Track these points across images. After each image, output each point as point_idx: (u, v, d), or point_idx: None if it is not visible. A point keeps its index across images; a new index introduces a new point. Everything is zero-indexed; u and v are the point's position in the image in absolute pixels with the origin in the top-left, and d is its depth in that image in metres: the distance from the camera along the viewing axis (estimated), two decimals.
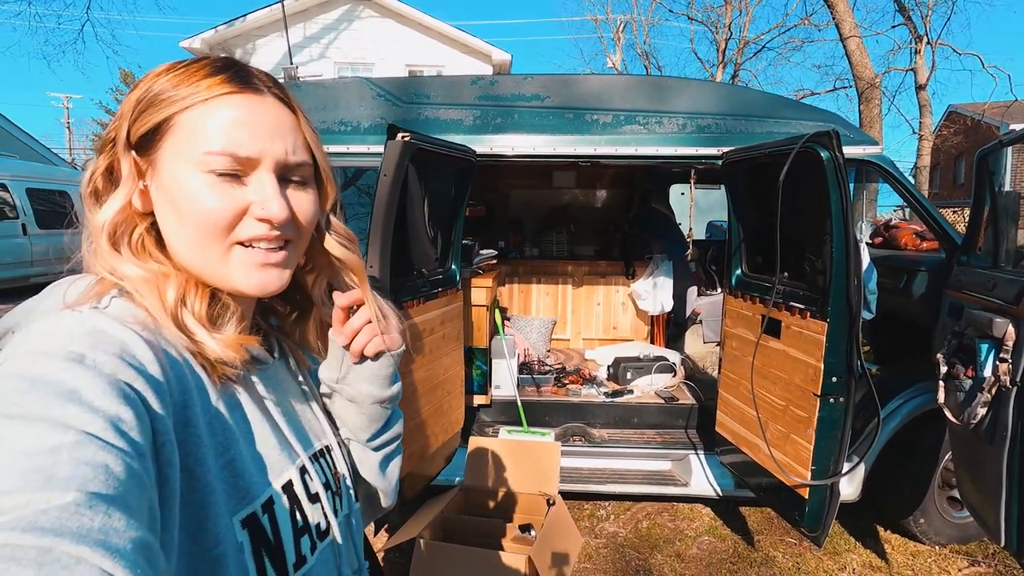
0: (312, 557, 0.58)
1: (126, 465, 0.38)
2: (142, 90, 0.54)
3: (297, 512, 0.57)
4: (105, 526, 0.34)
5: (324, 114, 2.94)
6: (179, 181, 0.52)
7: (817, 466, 2.11)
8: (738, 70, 19.23)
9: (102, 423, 0.38)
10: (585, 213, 4.88)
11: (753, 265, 2.67)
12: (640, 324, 4.41)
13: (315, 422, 0.67)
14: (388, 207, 2.01)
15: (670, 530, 2.98)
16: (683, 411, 3.24)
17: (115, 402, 0.40)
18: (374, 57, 12.15)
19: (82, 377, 0.40)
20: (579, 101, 2.94)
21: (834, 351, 2.05)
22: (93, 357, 0.42)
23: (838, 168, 1.94)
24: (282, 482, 0.56)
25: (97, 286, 0.50)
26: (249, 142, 0.53)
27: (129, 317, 0.48)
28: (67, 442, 0.36)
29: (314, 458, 0.63)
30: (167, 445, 0.43)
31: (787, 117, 2.87)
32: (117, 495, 0.36)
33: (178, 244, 0.54)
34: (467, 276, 3.07)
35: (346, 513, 0.67)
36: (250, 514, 0.51)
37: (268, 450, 0.56)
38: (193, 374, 0.51)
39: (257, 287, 0.55)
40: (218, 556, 0.47)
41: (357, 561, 0.69)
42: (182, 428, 0.46)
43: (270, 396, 0.60)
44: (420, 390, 2.36)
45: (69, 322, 0.45)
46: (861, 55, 9.75)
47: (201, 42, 11.79)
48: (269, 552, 0.52)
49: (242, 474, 0.51)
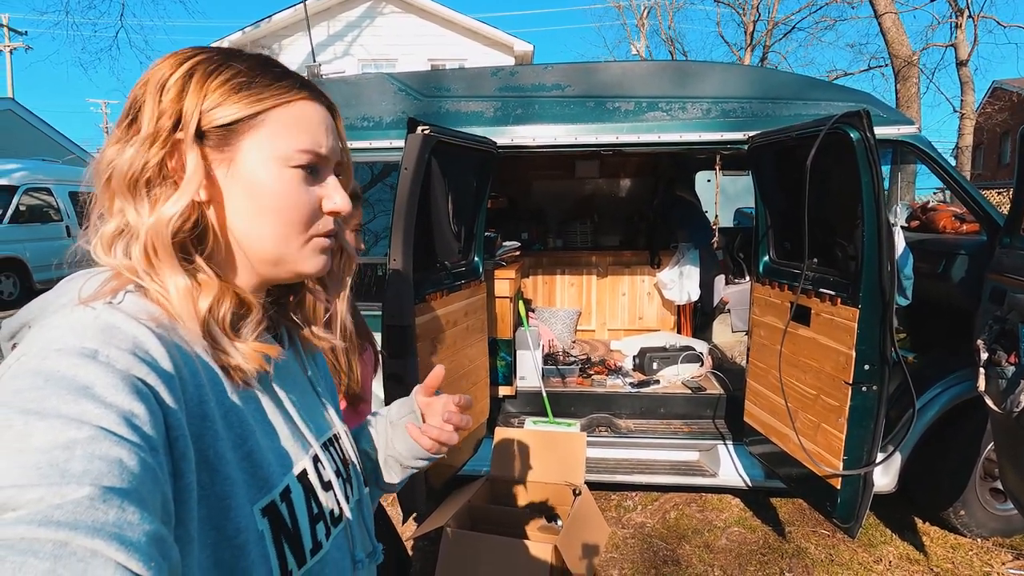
0: (327, 543, 0.59)
1: (140, 459, 0.38)
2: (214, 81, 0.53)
3: (312, 500, 0.58)
4: (119, 519, 0.34)
5: (347, 110, 2.98)
6: (266, 175, 0.54)
7: (849, 456, 2.06)
8: (767, 52, 18.71)
9: (115, 418, 0.39)
10: (609, 202, 4.84)
11: (781, 252, 2.61)
12: (666, 314, 4.36)
13: (322, 410, 0.68)
14: (410, 200, 2.02)
15: (699, 521, 2.95)
16: (711, 401, 3.19)
17: (128, 397, 0.40)
18: (397, 53, 12.21)
19: (95, 373, 0.40)
20: (600, 89, 2.91)
21: (866, 338, 1.99)
22: (106, 353, 0.42)
23: (869, 149, 1.88)
24: (297, 471, 0.58)
25: (112, 281, 0.50)
26: (327, 143, 0.58)
27: (143, 313, 0.48)
28: (81, 437, 0.36)
29: (325, 447, 0.64)
30: (180, 439, 0.44)
31: (816, 98, 2.79)
32: (131, 489, 0.36)
33: (254, 234, 0.55)
34: (490, 268, 3.08)
35: (357, 499, 0.69)
36: (270, 503, 0.52)
37: (283, 440, 0.57)
38: (207, 369, 0.51)
39: (320, 269, 0.60)
40: (240, 544, 0.48)
41: (371, 544, 0.70)
42: (199, 422, 0.47)
43: (282, 387, 0.61)
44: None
45: (83, 318, 0.45)
46: (897, 32, 9.36)
47: (229, 44, 12.04)
48: (288, 539, 0.54)
49: (261, 464, 0.52)
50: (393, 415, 0.84)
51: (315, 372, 0.71)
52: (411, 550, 2.72)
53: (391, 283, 2.05)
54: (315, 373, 0.70)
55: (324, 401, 0.69)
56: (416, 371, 2.13)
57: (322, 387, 0.71)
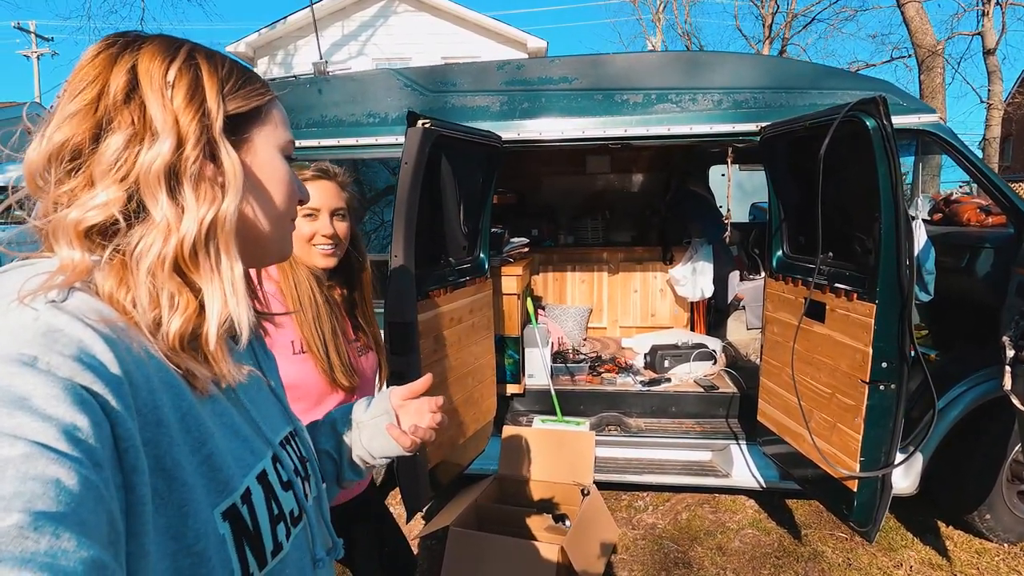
0: (287, 543, 0.58)
1: (81, 477, 0.35)
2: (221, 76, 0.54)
3: (272, 501, 0.57)
4: (52, 548, 0.32)
5: (353, 107, 2.96)
6: (274, 163, 0.58)
7: (866, 457, 1.99)
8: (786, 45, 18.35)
9: (54, 432, 0.36)
10: (620, 198, 4.77)
11: (795, 246, 2.53)
12: (679, 311, 4.28)
13: (278, 407, 0.67)
14: (410, 196, 1.99)
15: (711, 522, 2.89)
16: (724, 400, 3.12)
17: (70, 409, 0.37)
18: (411, 51, 12.23)
19: (33, 382, 0.37)
20: (608, 82, 2.85)
21: (884, 335, 1.91)
22: (47, 360, 0.39)
23: (886, 138, 1.80)
24: (257, 472, 0.56)
25: (58, 277, 0.45)
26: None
27: (91, 313, 0.44)
28: (14, 455, 0.34)
29: (283, 444, 0.63)
30: (131, 450, 0.41)
31: (832, 87, 2.70)
32: (68, 512, 0.34)
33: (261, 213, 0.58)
34: (497, 265, 3.04)
35: (315, 495, 0.68)
36: (230, 506, 0.51)
37: (242, 441, 0.56)
38: (161, 371, 0.48)
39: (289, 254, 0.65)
40: (200, 551, 0.46)
41: (331, 540, 0.69)
42: (153, 428, 0.44)
43: (239, 386, 0.58)
44: (449, 379, 2.36)
45: (22, 319, 0.41)
46: (921, 21, 9.10)
47: (245, 46, 12.17)
48: (249, 541, 0.52)
49: (220, 467, 0.50)
50: (363, 414, 0.84)
51: (267, 365, 0.69)
52: (417, 549, 2.70)
53: (393, 280, 2.03)
54: (268, 366, 0.69)
55: (279, 397, 0.68)
56: (418, 368, 2.11)
57: (275, 381, 0.69)
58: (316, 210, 1.31)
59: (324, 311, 1.30)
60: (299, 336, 1.29)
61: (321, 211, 1.32)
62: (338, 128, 2.95)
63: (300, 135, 2.96)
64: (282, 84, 3.25)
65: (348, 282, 1.45)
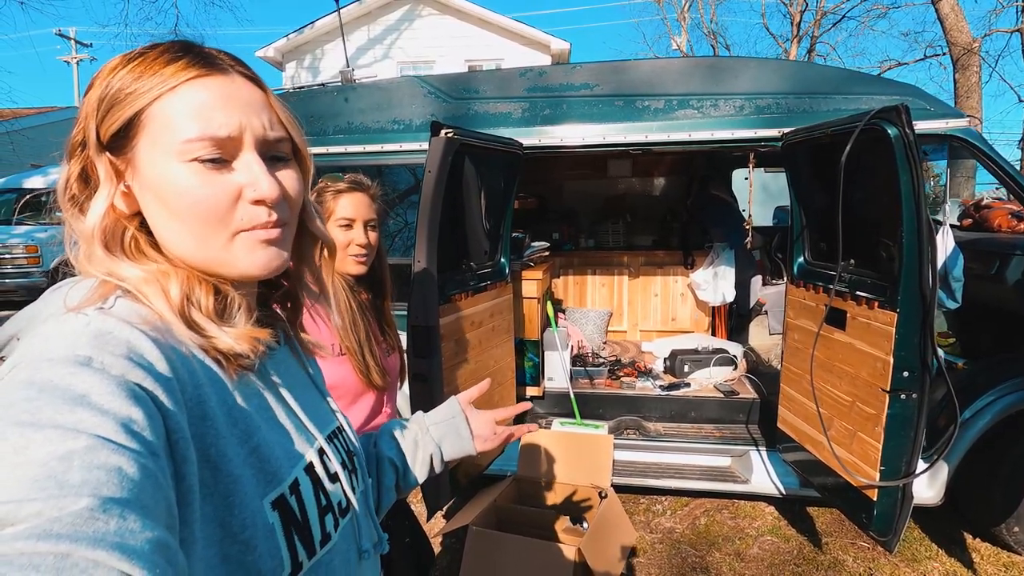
0: (336, 534, 0.60)
1: (140, 465, 0.38)
2: (101, 88, 0.52)
3: (320, 492, 0.59)
4: (121, 528, 0.34)
5: (379, 114, 3.04)
6: (164, 176, 0.50)
7: (887, 467, 1.97)
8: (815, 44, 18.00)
9: (113, 425, 0.38)
10: (642, 202, 4.77)
11: (817, 252, 2.51)
12: (700, 315, 4.26)
13: (325, 404, 0.69)
14: (433, 203, 2.05)
15: (730, 528, 2.88)
16: (744, 406, 3.11)
17: (125, 403, 0.40)
18: (434, 55, 12.36)
19: (90, 380, 0.40)
20: (630, 88, 2.87)
21: (905, 344, 1.90)
22: (100, 359, 0.42)
23: (908, 146, 1.79)
24: (304, 464, 0.58)
25: (100, 288, 0.50)
26: (226, 122, 0.51)
27: (135, 316, 0.48)
28: (78, 447, 0.36)
29: (329, 439, 0.65)
30: (181, 442, 0.44)
31: (856, 92, 2.67)
32: (132, 497, 0.36)
33: (174, 240, 0.53)
34: (517, 268, 3.09)
35: (362, 489, 0.69)
36: (279, 496, 0.53)
37: (289, 435, 0.58)
38: (205, 368, 0.51)
39: (262, 267, 0.55)
40: (246, 539, 0.48)
41: (377, 534, 0.71)
42: (199, 422, 0.47)
43: (282, 382, 0.61)
44: (470, 381, 2.41)
45: (74, 325, 0.44)
46: (956, 18, 8.85)
47: (274, 51, 12.44)
48: (298, 531, 0.54)
49: (268, 459, 0.52)
50: (430, 418, 0.92)
51: (313, 367, 0.72)
52: (439, 547, 2.75)
53: (416, 284, 2.09)
54: (313, 368, 0.72)
55: (324, 395, 0.70)
56: (440, 371, 2.16)
57: (320, 382, 0.72)
58: (352, 220, 1.38)
59: (358, 316, 1.37)
60: (337, 340, 1.36)
61: (356, 221, 1.38)
62: (364, 135, 3.03)
63: (328, 141, 3.05)
64: (310, 92, 3.35)
65: (372, 287, 1.52)
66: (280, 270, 0.57)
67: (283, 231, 0.56)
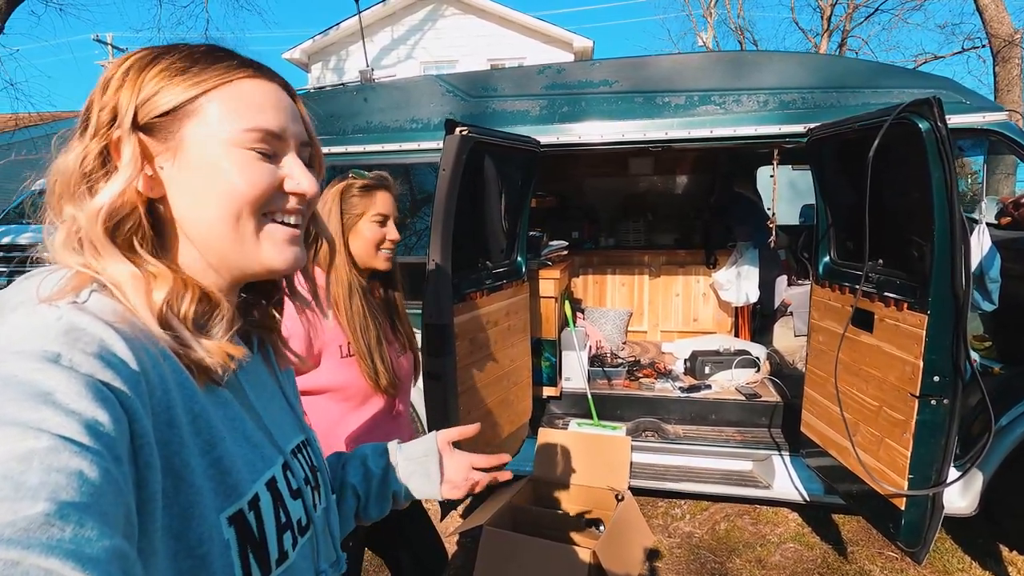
0: (293, 553, 0.57)
1: (102, 470, 0.36)
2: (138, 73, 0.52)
3: (280, 509, 0.57)
4: (77, 536, 0.33)
5: (398, 113, 3.05)
6: (218, 158, 0.52)
7: (915, 475, 1.90)
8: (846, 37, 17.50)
9: (77, 426, 0.37)
10: (664, 200, 4.70)
11: (843, 252, 2.43)
12: (723, 316, 4.18)
13: (291, 416, 0.67)
14: (448, 201, 2.04)
15: (751, 534, 2.81)
16: (766, 409, 3.03)
17: (92, 404, 0.38)
18: (457, 54, 12.39)
19: (57, 378, 0.38)
20: (649, 84, 2.82)
21: (936, 347, 1.82)
22: (70, 356, 0.40)
23: (940, 140, 1.71)
24: (267, 478, 0.56)
25: (74, 279, 0.47)
26: (278, 122, 0.55)
27: (109, 312, 0.46)
28: (39, 448, 0.34)
29: (294, 453, 0.63)
30: (145, 447, 0.42)
31: (888, 86, 2.58)
32: (91, 502, 0.35)
33: (205, 223, 0.53)
34: (535, 268, 3.06)
35: (324, 507, 0.67)
36: (237, 511, 0.51)
37: (253, 447, 0.56)
38: (175, 371, 0.49)
39: (289, 263, 0.57)
40: (202, 555, 0.46)
41: (335, 554, 0.68)
42: (165, 428, 0.45)
43: (250, 391, 0.59)
44: (484, 381, 2.40)
45: (45, 318, 0.42)
46: (996, 8, 8.49)
47: (300, 52, 12.63)
48: (254, 548, 0.52)
49: (229, 471, 0.50)
50: (403, 452, 0.88)
51: (284, 377, 0.69)
52: (454, 546, 2.75)
53: (430, 282, 2.08)
54: (284, 378, 0.69)
55: (293, 406, 0.68)
56: (454, 369, 2.15)
57: (290, 392, 0.69)
58: (385, 216, 1.40)
59: (369, 320, 1.37)
60: (347, 340, 1.36)
61: (389, 218, 1.41)
62: (383, 134, 3.04)
63: (347, 141, 3.07)
64: (332, 92, 3.38)
65: (386, 283, 1.52)
66: (299, 267, 0.59)
67: (301, 233, 0.59)
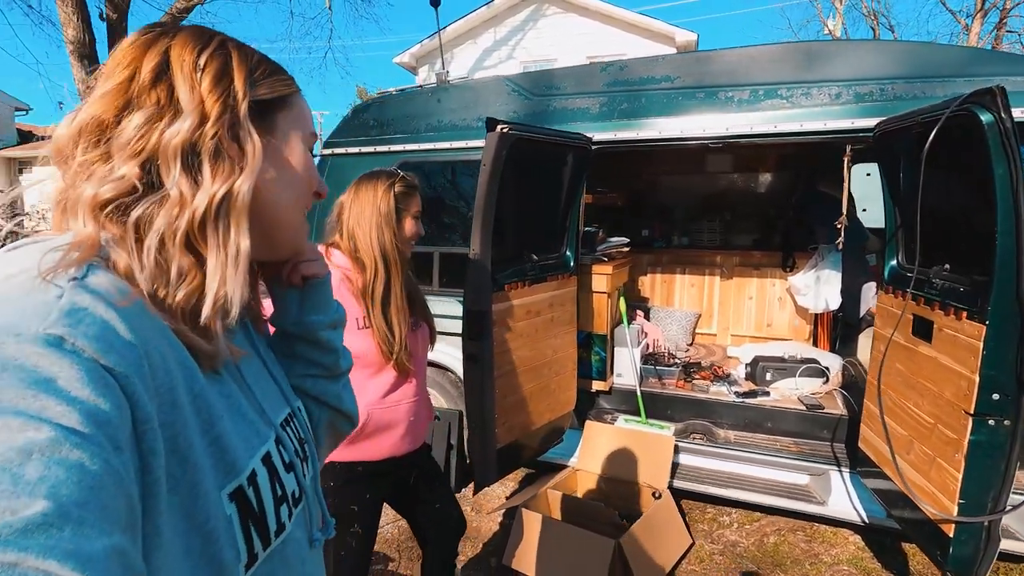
0: (290, 523, 0.60)
1: (103, 461, 0.35)
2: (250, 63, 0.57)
3: (276, 483, 0.58)
4: (76, 535, 0.32)
5: (467, 112, 3.23)
6: (298, 150, 0.61)
7: (966, 500, 1.73)
8: (1005, 17, 15.24)
9: (78, 416, 0.35)
10: (743, 198, 4.49)
11: (910, 255, 2.24)
12: (801, 322, 3.93)
13: (275, 387, 0.68)
14: (488, 196, 2.17)
15: (802, 551, 2.67)
16: (829, 421, 2.85)
17: (94, 392, 0.37)
18: (556, 52, 12.49)
19: (59, 363, 0.37)
20: (712, 79, 2.76)
21: (995, 361, 1.65)
22: (72, 341, 0.38)
23: (1003, 134, 1.55)
24: (262, 454, 0.57)
25: (74, 252, 0.44)
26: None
27: (113, 290, 0.44)
28: (40, 439, 0.33)
29: (283, 426, 0.64)
30: (149, 432, 0.41)
31: (986, 74, 2.32)
32: (91, 496, 0.34)
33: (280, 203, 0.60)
34: (588, 262, 3.11)
35: (312, 475, 0.69)
36: (237, 487, 0.51)
37: (249, 424, 0.57)
38: (176, 350, 0.48)
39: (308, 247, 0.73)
40: (210, 531, 0.47)
41: (323, 520, 0.70)
42: (169, 410, 0.44)
43: (243, 369, 0.61)
44: (523, 367, 2.51)
45: (46, 298, 0.40)
46: None
47: (409, 56, 13.42)
48: (255, 522, 0.53)
49: (228, 449, 0.51)
50: None
51: (265, 350, 0.71)
52: (497, 524, 2.89)
53: (470, 272, 2.23)
54: (265, 351, 0.70)
55: (276, 378, 0.69)
56: (491, 353, 2.29)
57: (272, 365, 0.70)
58: (420, 214, 1.65)
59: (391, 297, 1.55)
60: (363, 313, 1.54)
61: (420, 215, 1.65)
62: (453, 132, 3.24)
63: (420, 139, 3.31)
64: (410, 93, 3.65)
65: None
66: None
67: None
